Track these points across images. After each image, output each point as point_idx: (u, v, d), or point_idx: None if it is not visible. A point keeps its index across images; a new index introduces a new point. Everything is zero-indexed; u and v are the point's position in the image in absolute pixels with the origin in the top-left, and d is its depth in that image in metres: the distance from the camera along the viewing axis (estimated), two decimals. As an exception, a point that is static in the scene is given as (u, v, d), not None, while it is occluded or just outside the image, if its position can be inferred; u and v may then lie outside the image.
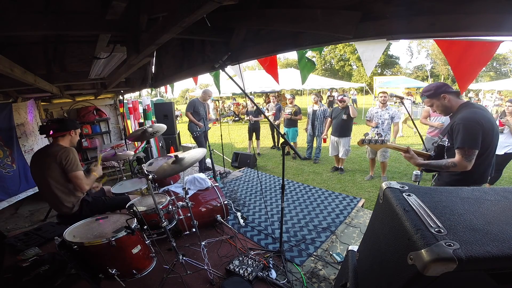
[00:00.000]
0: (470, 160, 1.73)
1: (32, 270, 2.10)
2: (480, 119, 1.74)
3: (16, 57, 1.99)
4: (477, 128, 1.72)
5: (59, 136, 2.21)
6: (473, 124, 1.73)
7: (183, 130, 8.39)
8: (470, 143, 1.72)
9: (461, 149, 1.75)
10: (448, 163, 1.81)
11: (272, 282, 1.97)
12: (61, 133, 2.21)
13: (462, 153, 1.75)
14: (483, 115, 1.78)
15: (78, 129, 2.36)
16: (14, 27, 1.32)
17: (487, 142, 1.75)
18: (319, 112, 5.64)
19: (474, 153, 1.73)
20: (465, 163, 1.74)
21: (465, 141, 1.73)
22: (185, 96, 19.80)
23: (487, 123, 1.74)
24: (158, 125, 3.09)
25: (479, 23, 0.90)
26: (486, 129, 1.73)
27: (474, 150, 1.72)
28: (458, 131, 1.77)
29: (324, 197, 3.57)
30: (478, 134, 1.72)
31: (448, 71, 29.89)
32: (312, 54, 30.80)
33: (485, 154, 1.77)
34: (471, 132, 1.73)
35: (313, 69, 2.36)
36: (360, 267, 1.18)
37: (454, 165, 1.78)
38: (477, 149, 1.73)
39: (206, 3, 0.90)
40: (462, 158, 1.75)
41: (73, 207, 2.21)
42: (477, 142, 1.72)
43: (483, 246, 0.65)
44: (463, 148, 1.74)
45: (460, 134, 1.76)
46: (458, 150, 1.77)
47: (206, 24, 1.51)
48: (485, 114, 1.80)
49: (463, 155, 1.74)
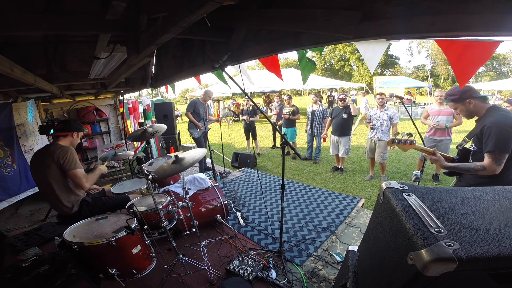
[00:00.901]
0: (500, 164, 1.72)
1: (32, 270, 2.09)
2: (511, 123, 1.73)
3: (16, 57, 1.99)
4: (509, 131, 1.70)
5: (61, 136, 2.23)
6: (506, 128, 1.71)
7: (183, 130, 8.39)
8: (501, 147, 1.71)
9: (492, 153, 1.73)
10: (477, 166, 1.79)
11: (272, 282, 1.97)
12: (64, 133, 2.24)
13: (493, 157, 1.72)
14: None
15: (81, 133, 2.40)
16: (14, 27, 1.32)
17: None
18: (318, 112, 5.64)
19: (505, 157, 1.71)
20: (494, 167, 1.72)
21: (497, 145, 1.71)
22: (185, 96, 19.81)
23: None
24: (158, 125, 3.09)
25: (479, 23, 0.90)
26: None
27: (505, 154, 1.71)
28: (489, 135, 1.75)
29: (324, 197, 3.57)
30: (510, 138, 1.70)
31: (448, 71, 29.89)
32: (312, 54, 30.83)
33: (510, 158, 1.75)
34: (504, 136, 1.71)
35: (314, 69, 2.36)
36: (360, 267, 1.18)
37: (484, 169, 1.76)
38: (507, 153, 1.71)
39: (206, 3, 0.90)
40: (492, 161, 1.72)
41: (73, 207, 2.21)
42: (508, 146, 1.71)
43: (483, 246, 0.65)
44: (494, 152, 1.72)
45: (491, 138, 1.74)
46: (488, 154, 1.75)
47: (206, 24, 1.51)
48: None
49: (494, 159, 1.72)
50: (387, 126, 4.37)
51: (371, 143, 4.61)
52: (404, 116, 11.60)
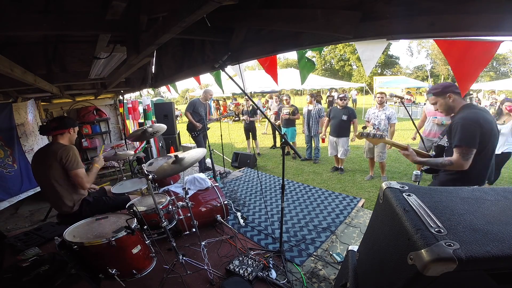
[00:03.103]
0: (467, 159, 1.74)
1: (32, 270, 2.09)
2: (479, 119, 1.76)
3: (16, 57, 1.99)
4: (475, 127, 1.74)
5: (58, 134, 2.24)
6: (472, 123, 1.75)
7: (183, 130, 8.39)
8: (467, 141, 1.74)
9: (459, 147, 1.77)
10: (445, 161, 1.83)
11: (272, 282, 1.97)
12: (60, 131, 2.24)
13: (460, 152, 1.76)
14: (483, 116, 1.79)
15: (77, 127, 2.39)
16: (14, 27, 1.32)
17: (484, 142, 1.76)
18: (314, 112, 5.64)
19: (472, 152, 1.74)
20: (462, 162, 1.75)
21: (463, 139, 1.75)
22: (185, 96, 19.80)
23: (486, 124, 1.76)
24: (158, 125, 3.09)
25: (479, 23, 0.90)
26: (485, 129, 1.74)
27: (472, 149, 1.74)
28: (457, 130, 1.79)
29: (324, 197, 3.57)
30: (476, 133, 1.73)
31: (448, 71, 29.89)
32: (312, 54, 30.82)
33: (482, 154, 1.78)
34: (469, 130, 1.74)
35: (313, 69, 2.36)
36: (360, 267, 1.18)
37: (451, 163, 1.79)
38: (474, 148, 1.74)
39: (206, 3, 0.90)
40: (459, 156, 1.76)
41: (74, 206, 2.22)
42: (475, 141, 1.73)
43: (483, 246, 0.65)
44: (461, 147, 1.76)
45: (458, 133, 1.78)
46: (455, 149, 1.78)
47: (206, 24, 1.51)
48: (485, 115, 1.81)
49: (461, 154, 1.76)
50: (385, 126, 4.37)
51: (369, 143, 4.61)
52: (404, 116, 11.61)
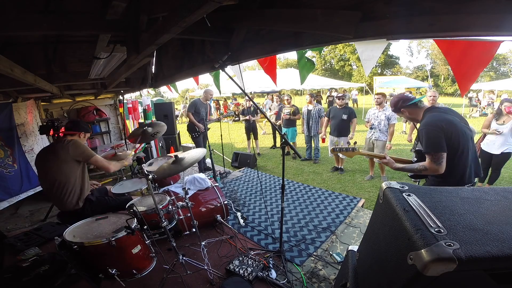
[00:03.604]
0: (440, 163, 1.74)
1: (32, 270, 2.09)
2: (439, 122, 1.75)
3: (16, 57, 1.98)
4: (437, 131, 1.73)
5: (68, 135, 2.30)
6: (433, 128, 1.75)
7: (183, 130, 8.38)
8: (433, 147, 1.74)
9: (428, 154, 1.78)
10: (420, 166, 1.83)
11: (272, 282, 1.97)
12: (71, 132, 2.31)
13: (430, 157, 1.76)
14: (443, 118, 1.78)
15: (88, 134, 2.50)
16: (14, 27, 1.32)
17: (454, 143, 1.75)
18: (314, 112, 5.63)
19: (441, 156, 1.73)
20: (435, 166, 1.75)
21: (428, 145, 1.76)
22: (185, 96, 19.81)
23: (449, 125, 1.75)
24: (158, 122, 3.09)
25: (479, 23, 0.90)
26: (449, 131, 1.73)
27: (440, 153, 1.73)
28: (422, 137, 1.80)
29: (324, 197, 3.57)
30: (440, 137, 1.72)
31: (448, 71, 29.91)
32: (312, 54, 30.82)
33: (457, 155, 1.77)
34: (432, 136, 1.74)
35: (313, 69, 2.35)
36: (360, 267, 1.18)
37: (425, 169, 1.80)
38: (443, 151, 1.73)
39: (206, 3, 0.90)
40: (431, 161, 1.76)
41: (78, 203, 2.23)
42: (440, 145, 1.72)
43: (483, 246, 0.65)
44: (429, 153, 1.77)
45: (423, 140, 1.79)
46: (426, 155, 1.80)
47: (206, 24, 1.51)
48: (446, 117, 1.80)
49: (431, 159, 1.76)
50: (385, 126, 4.38)
51: (369, 143, 4.61)
52: (404, 116, 11.58)
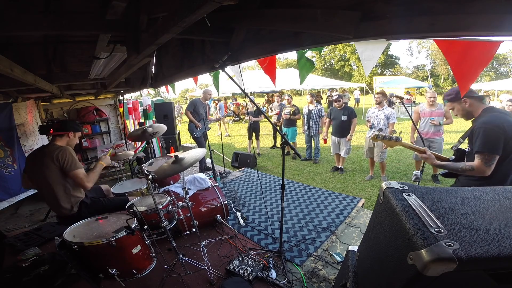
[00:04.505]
0: (490, 165, 1.67)
1: (32, 270, 2.09)
2: (502, 123, 1.68)
3: (16, 57, 1.99)
4: (498, 132, 1.66)
5: (57, 135, 2.23)
6: (494, 129, 1.67)
7: (183, 130, 8.39)
8: (490, 147, 1.67)
9: (481, 154, 1.70)
10: (466, 166, 1.76)
11: (272, 282, 1.97)
12: (59, 133, 2.23)
13: (482, 158, 1.69)
14: (506, 119, 1.71)
15: (79, 133, 2.38)
16: (14, 27, 1.32)
17: (509, 148, 1.68)
18: (314, 112, 5.64)
19: (494, 158, 1.67)
20: (484, 168, 1.69)
21: (485, 145, 1.68)
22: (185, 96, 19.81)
23: (510, 128, 1.67)
24: (157, 125, 3.09)
25: (479, 23, 0.90)
26: (510, 135, 1.66)
27: (495, 155, 1.67)
28: (478, 136, 1.72)
29: (324, 197, 3.57)
30: (499, 139, 1.66)
31: (448, 71, 29.91)
32: (312, 54, 30.83)
33: (507, 160, 1.71)
34: (492, 136, 1.67)
35: (312, 69, 2.35)
36: (360, 267, 1.18)
37: (472, 169, 1.73)
38: (498, 154, 1.66)
39: (206, 3, 0.90)
40: (481, 162, 1.69)
41: (72, 208, 2.20)
42: (497, 147, 1.66)
43: (483, 246, 0.65)
44: (483, 153, 1.69)
45: (480, 139, 1.70)
46: (477, 155, 1.72)
47: (206, 24, 1.50)
48: (508, 119, 1.73)
49: (483, 160, 1.69)
50: (385, 125, 4.38)
51: (369, 142, 4.62)
52: (404, 116, 11.60)
